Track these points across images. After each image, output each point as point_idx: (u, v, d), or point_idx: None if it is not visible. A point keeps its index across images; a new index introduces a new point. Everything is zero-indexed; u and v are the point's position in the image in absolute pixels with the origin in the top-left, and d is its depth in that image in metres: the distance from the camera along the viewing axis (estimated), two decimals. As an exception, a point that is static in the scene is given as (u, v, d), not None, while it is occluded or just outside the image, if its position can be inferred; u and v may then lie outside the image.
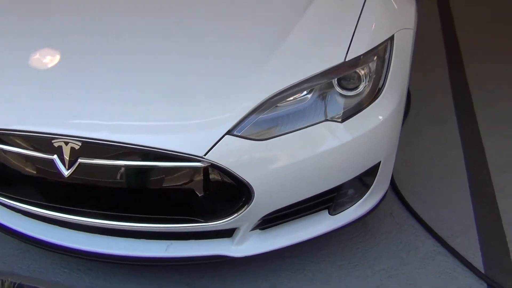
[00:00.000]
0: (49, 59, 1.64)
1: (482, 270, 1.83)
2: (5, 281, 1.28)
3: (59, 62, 1.62)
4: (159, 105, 1.47)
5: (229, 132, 1.43)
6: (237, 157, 1.44)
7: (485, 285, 1.79)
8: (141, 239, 1.66)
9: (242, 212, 1.50)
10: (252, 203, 1.48)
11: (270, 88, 1.48)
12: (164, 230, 1.58)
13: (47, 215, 1.60)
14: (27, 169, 1.55)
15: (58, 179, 1.48)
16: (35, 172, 1.54)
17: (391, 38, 1.65)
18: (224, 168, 1.42)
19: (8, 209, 1.76)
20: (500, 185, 2.23)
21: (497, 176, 2.28)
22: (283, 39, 1.57)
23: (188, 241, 1.65)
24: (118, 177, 1.48)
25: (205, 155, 1.41)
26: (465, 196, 2.18)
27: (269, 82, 1.49)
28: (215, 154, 1.41)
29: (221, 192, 1.51)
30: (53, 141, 1.45)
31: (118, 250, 1.63)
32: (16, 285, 1.36)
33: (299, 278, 1.83)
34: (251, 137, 1.45)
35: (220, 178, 1.46)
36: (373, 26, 1.64)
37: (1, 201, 1.66)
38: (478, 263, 1.87)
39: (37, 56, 1.67)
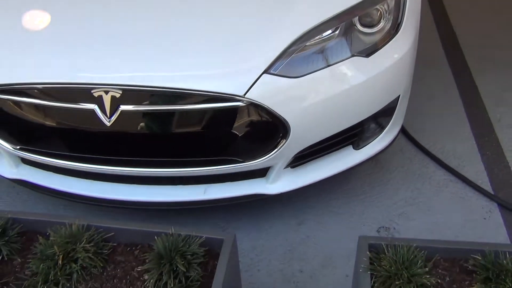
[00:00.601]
0: (83, 14, 1.64)
1: (491, 192, 1.99)
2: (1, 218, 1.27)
3: (93, 16, 1.63)
4: (196, 50, 1.51)
5: (266, 71, 1.48)
6: (274, 95, 1.50)
7: (495, 204, 1.95)
8: (179, 186, 1.72)
9: (279, 149, 1.57)
10: (289, 139, 1.55)
11: (299, 28, 1.53)
12: (205, 173, 1.64)
13: (90, 169, 1.63)
14: (65, 122, 1.57)
15: (100, 129, 1.51)
16: (74, 125, 1.56)
17: (404, -24, 1.72)
18: (262, 106, 1.48)
19: (43, 170, 1.78)
20: (495, 117, 2.38)
21: (491, 109, 2.44)
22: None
23: (224, 183, 1.72)
24: (160, 122, 1.52)
25: (245, 94, 1.46)
26: (466, 130, 2.32)
27: (298, 22, 1.55)
28: (254, 93, 1.47)
29: (259, 131, 1.57)
30: (92, 91, 1.47)
31: (160, 197, 1.69)
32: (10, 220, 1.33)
33: (325, 213, 1.94)
34: (286, 75, 1.51)
35: (258, 117, 1.52)
36: (388, -34, 1.71)
37: (38, 159, 1.67)
38: (486, 186, 2.02)
39: (71, 11, 1.66)
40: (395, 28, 1.66)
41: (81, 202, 1.76)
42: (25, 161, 1.82)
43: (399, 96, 1.75)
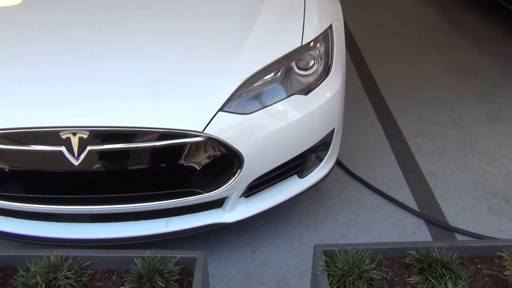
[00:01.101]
0: (45, 56, 1.77)
1: (418, 210, 2.27)
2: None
3: (55, 58, 1.75)
4: (154, 92, 1.67)
5: (220, 109, 1.68)
6: (228, 130, 1.68)
7: (422, 220, 2.22)
8: (141, 221, 1.82)
9: (235, 179, 1.74)
10: (243, 169, 1.73)
11: (247, 71, 1.76)
12: (167, 206, 1.76)
13: (56, 210, 1.70)
14: (32, 165, 1.64)
15: (67, 169, 1.61)
16: (41, 167, 1.64)
17: (330, 27, 2.02)
18: (219, 140, 1.66)
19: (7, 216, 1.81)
20: (415, 147, 2.72)
21: (410, 140, 2.78)
22: (250, 30, 1.86)
23: (184, 215, 1.85)
24: (126, 159, 1.65)
25: (203, 130, 1.64)
26: (391, 158, 2.64)
27: (245, 66, 1.77)
28: (211, 128, 1.65)
29: (217, 163, 1.74)
30: (60, 133, 1.58)
31: (125, 233, 1.78)
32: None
33: (276, 239, 2.12)
34: (238, 112, 1.71)
35: (216, 151, 1.70)
36: (316, 17, 2.00)
37: (5, 206, 1.71)
38: (413, 206, 2.30)
39: (33, 53, 1.78)
40: (326, 70, 1.94)
41: (44, 244, 1.80)
42: (-16, 209, 1.84)
43: (334, 129, 2.01)
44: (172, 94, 1.68)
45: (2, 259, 1.34)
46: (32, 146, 1.60)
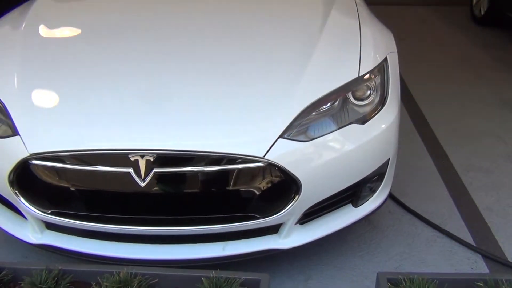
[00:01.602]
0: (117, 79, 1.88)
1: (474, 245, 2.22)
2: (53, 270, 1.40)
3: (126, 82, 1.87)
4: (219, 117, 1.75)
5: (281, 136, 1.72)
6: (287, 156, 1.72)
7: (480, 255, 2.16)
8: (199, 244, 1.86)
9: (293, 205, 1.77)
10: (301, 196, 1.76)
11: (307, 99, 1.81)
12: (226, 230, 1.79)
13: (119, 230, 1.76)
14: (100, 185, 1.72)
15: (134, 190, 1.67)
16: (108, 188, 1.72)
17: (385, 59, 2.07)
18: (278, 166, 1.70)
19: (68, 234, 1.89)
20: (468, 181, 2.68)
21: (463, 174, 2.74)
22: (309, 60, 1.94)
23: (240, 240, 1.88)
24: (190, 182, 1.71)
25: (264, 156, 1.68)
26: (443, 192, 2.60)
27: (305, 95, 1.82)
28: (271, 154, 1.69)
29: (275, 189, 1.77)
30: (129, 156, 1.66)
31: (183, 255, 1.82)
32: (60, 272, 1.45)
33: (329, 269, 2.10)
34: (297, 139, 1.75)
35: (275, 177, 1.73)
36: (372, 50, 2.05)
37: (68, 223, 1.79)
38: (469, 240, 2.25)
39: (105, 76, 1.90)
40: (382, 101, 1.97)
41: (106, 263, 1.86)
42: (50, 227, 1.92)
43: (389, 159, 2.02)
44: (234, 120, 1.74)
45: (75, 273, 1.39)
46: (101, 167, 1.68)
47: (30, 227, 1.92)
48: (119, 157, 1.67)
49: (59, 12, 2.45)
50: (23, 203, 1.79)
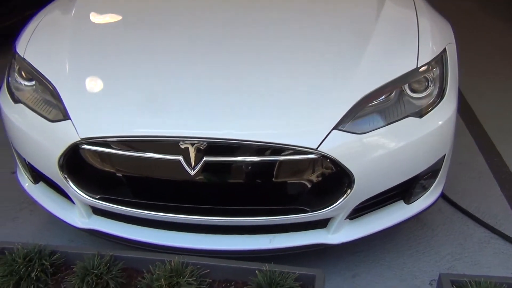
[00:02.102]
0: (173, 66, 1.85)
1: (531, 248, 2.11)
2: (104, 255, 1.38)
3: (182, 69, 1.83)
4: (271, 109, 1.69)
5: (335, 128, 1.66)
6: (341, 149, 1.66)
7: (537, 259, 2.06)
8: (246, 235, 1.82)
9: (344, 199, 1.70)
10: (353, 190, 1.69)
11: (361, 91, 1.73)
12: (274, 223, 1.75)
13: (166, 218, 1.74)
14: (150, 172, 1.70)
15: (183, 178, 1.65)
16: (158, 175, 1.70)
17: (444, 50, 1.96)
18: (331, 158, 1.64)
19: (114, 220, 1.88)
20: (522, 181, 2.56)
21: (517, 174, 2.62)
22: (364, 51, 1.86)
23: (288, 233, 1.83)
24: (239, 173, 1.66)
25: (317, 148, 1.62)
26: (496, 192, 2.48)
27: (360, 86, 1.75)
28: (325, 146, 1.63)
29: (327, 182, 1.71)
30: (179, 143, 1.62)
31: (229, 246, 1.79)
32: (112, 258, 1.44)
33: (376, 266, 2.03)
34: (352, 131, 1.68)
35: (327, 169, 1.67)
36: (431, 40, 1.95)
37: (116, 209, 1.78)
38: (526, 243, 2.14)
39: (161, 62, 1.87)
40: (441, 94, 1.87)
41: (150, 250, 1.84)
42: (96, 212, 1.92)
43: (445, 154, 1.93)
44: (287, 110, 1.69)
45: (127, 260, 1.38)
46: (151, 154, 1.66)
47: (77, 211, 1.93)
48: (169, 145, 1.64)
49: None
50: (72, 187, 1.79)
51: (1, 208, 2.39)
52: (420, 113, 1.80)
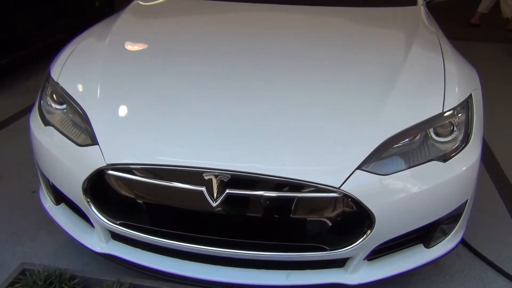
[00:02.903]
0: (197, 99, 1.89)
1: (553, 301, 2.06)
2: (124, 283, 1.39)
3: (206, 102, 1.87)
4: (297, 143, 1.71)
5: (359, 167, 1.67)
6: (364, 189, 1.66)
7: (559, 313, 2.00)
8: (262, 270, 1.81)
9: (364, 239, 1.69)
10: (373, 230, 1.68)
11: (386, 133, 1.74)
12: (291, 259, 1.74)
13: (184, 248, 1.75)
14: (172, 201, 1.72)
15: (205, 209, 1.66)
16: (180, 204, 1.71)
17: (470, 96, 1.97)
18: (354, 198, 1.64)
19: (132, 246, 1.89)
20: (544, 230, 2.51)
21: (538, 223, 2.57)
22: (391, 92, 1.88)
23: (304, 270, 1.82)
24: (261, 207, 1.67)
25: (340, 187, 1.63)
26: (517, 240, 2.44)
27: (385, 127, 1.76)
28: (347, 186, 1.63)
29: (348, 221, 1.70)
30: (204, 175, 1.64)
31: (245, 280, 1.78)
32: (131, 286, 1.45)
33: (394, 310, 2.00)
34: (375, 172, 1.68)
35: (349, 208, 1.67)
36: (457, 85, 1.97)
37: (135, 236, 1.80)
38: (547, 296, 2.09)
39: (186, 95, 1.91)
40: (466, 139, 1.87)
41: (167, 280, 1.84)
42: (115, 237, 1.94)
43: (467, 201, 1.91)
44: (312, 147, 1.70)
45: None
46: (175, 183, 1.67)
47: (96, 235, 1.94)
48: (194, 175, 1.66)
49: (142, 27, 2.52)
50: (93, 211, 1.81)
51: (20, 227, 2.43)
52: (444, 158, 1.80)
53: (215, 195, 1.64)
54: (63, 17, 4.98)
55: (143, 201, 1.75)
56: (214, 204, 1.64)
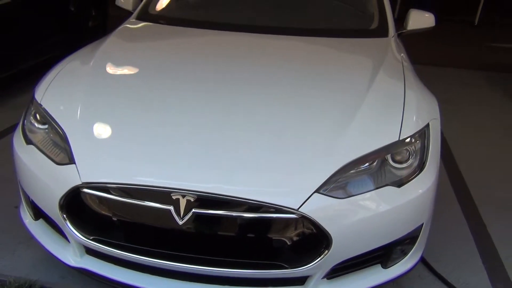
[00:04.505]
0: (171, 121, 2.01)
1: (506, 322, 2.16)
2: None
3: (179, 124, 1.99)
4: (260, 166, 1.82)
5: (316, 191, 1.78)
6: (321, 211, 1.77)
7: (511, 334, 2.10)
8: (227, 286, 1.91)
9: (321, 258, 1.80)
10: (330, 251, 1.79)
11: (345, 159, 1.87)
12: (251, 276, 1.84)
13: (152, 263, 1.85)
14: (141, 219, 1.83)
15: (171, 227, 1.76)
16: (148, 222, 1.82)
17: (427, 125, 2.11)
18: (311, 219, 1.75)
19: (105, 261, 1.99)
20: (504, 254, 2.62)
21: (500, 247, 2.68)
22: (352, 120, 2.01)
23: (267, 287, 1.92)
24: (224, 226, 1.78)
25: (298, 208, 1.74)
26: (477, 263, 2.55)
27: (345, 152, 1.88)
28: (306, 208, 1.75)
29: (306, 241, 1.82)
30: (172, 194, 1.76)
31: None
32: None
33: (353, 328, 2.09)
34: (332, 195, 1.80)
35: (307, 229, 1.78)
36: (415, 115, 2.10)
37: (106, 250, 1.89)
38: (501, 316, 2.19)
39: (161, 118, 2.03)
40: (421, 166, 2.00)
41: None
42: (89, 252, 2.03)
43: (422, 224, 2.03)
44: (274, 169, 1.82)
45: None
46: (145, 202, 1.78)
47: (72, 250, 2.04)
48: (163, 194, 1.77)
49: (127, 52, 2.66)
50: (68, 227, 1.91)
51: (1, 240, 2.51)
52: (400, 183, 1.92)
53: (181, 214, 1.75)
54: (58, 35, 5.14)
55: (115, 218, 1.86)
56: (180, 223, 1.75)
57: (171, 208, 1.76)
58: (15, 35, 4.49)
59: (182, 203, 1.75)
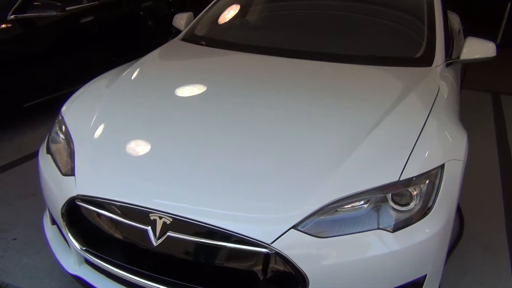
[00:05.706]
0: (163, 146, 2.03)
1: None
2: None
3: (169, 148, 2.00)
4: (237, 196, 1.77)
5: (294, 227, 1.69)
6: (297, 249, 1.67)
7: None
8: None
9: (297, 299, 1.69)
10: (307, 292, 1.68)
11: (332, 195, 1.75)
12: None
13: (131, 279, 1.88)
14: (123, 235, 1.87)
15: (147, 247, 1.78)
16: (129, 239, 1.86)
17: (442, 166, 1.89)
18: (286, 257, 1.66)
19: (100, 274, 2.06)
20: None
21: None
22: (348, 154, 1.88)
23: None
24: (196, 251, 1.76)
25: (272, 243, 1.66)
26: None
27: (332, 190, 1.76)
28: (280, 243, 1.66)
29: (280, 278, 1.72)
30: (150, 215, 1.78)
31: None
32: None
33: None
34: (311, 233, 1.69)
35: (280, 266, 1.69)
36: (427, 153, 1.90)
37: (96, 262, 1.96)
38: None
39: (157, 142, 2.06)
40: (425, 210, 1.80)
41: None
42: (88, 262, 2.12)
43: (425, 275, 1.82)
44: (252, 200, 1.75)
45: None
46: (125, 219, 1.82)
47: (72, 257, 2.14)
48: (142, 214, 1.79)
49: (151, 72, 2.72)
50: (67, 235, 2.02)
51: (32, 240, 2.72)
52: (395, 228, 1.75)
53: (157, 235, 1.76)
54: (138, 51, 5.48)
55: (104, 232, 1.92)
56: (155, 244, 1.76)
57: (149, 228, 1.77)
58: (95, 51, 4.89)
59: (159, 224, 1.76)
